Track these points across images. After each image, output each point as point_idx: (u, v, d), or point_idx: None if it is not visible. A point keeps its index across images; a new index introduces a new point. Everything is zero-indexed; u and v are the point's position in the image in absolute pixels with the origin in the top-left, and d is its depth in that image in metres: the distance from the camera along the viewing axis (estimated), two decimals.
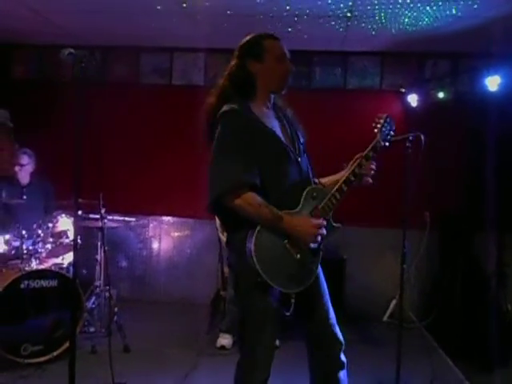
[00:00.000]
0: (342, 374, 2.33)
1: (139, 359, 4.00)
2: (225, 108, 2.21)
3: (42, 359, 3.73)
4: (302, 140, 2.38)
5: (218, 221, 4.27)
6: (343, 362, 2.34)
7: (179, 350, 4.19)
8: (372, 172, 2.34)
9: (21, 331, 3.69)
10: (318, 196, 2.25)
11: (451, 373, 3.99)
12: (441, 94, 5.27)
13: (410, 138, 3.26)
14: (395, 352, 3.31)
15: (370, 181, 2.35)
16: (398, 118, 5.35)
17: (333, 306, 2.37)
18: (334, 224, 2.31)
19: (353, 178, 2.28)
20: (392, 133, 2.42)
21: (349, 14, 4.49)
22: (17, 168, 4.65)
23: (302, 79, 5.65)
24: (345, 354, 2.33)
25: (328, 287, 3.49)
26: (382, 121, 2.39)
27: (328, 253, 5.36)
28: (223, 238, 4.25)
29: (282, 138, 2.26)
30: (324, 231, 2.20)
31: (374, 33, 4.89)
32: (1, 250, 4.09)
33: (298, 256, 2.18)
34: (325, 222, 2.22)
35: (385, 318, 5.27)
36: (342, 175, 2.31)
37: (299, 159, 2.29)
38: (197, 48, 5.68)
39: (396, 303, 5.17)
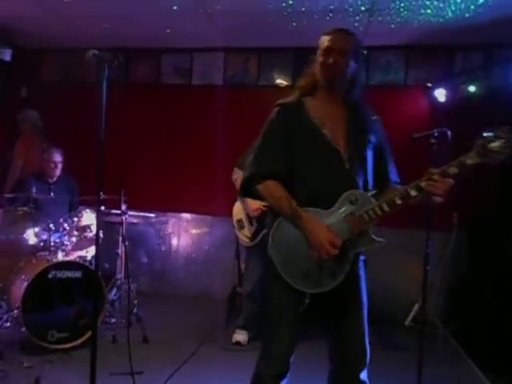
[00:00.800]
0: (364, 375, 2.24)
1: (157, 350, 4.12)
2: (279, 101, 2.27)
3: (67, 346, 3.90)
4: (368, 143, 2.23)
5: (234, 219, 4.39)
6: (364, 383, 2.24)
7: (195, 343, 4.27)
8: (444, 192, 2.02)
9: (48, 318, 3.87)
10: (358, 202, 2.09)
11: (478, 382, 3.78)
12: (472, 88, 4.96)
13: (436, 133, 3.11)
14: (417, 358, 3.17)
15: (440, 200, 2.03)
16: (423, 113, 5.20)
17: None
18: (375, 237, 2.13)
19: (414, 193, 2.04)
20: (507, 151, 1.90)
21: (369, 8, 4.44)
22: (52, 165, 4.85)
23: None
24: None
25: None
26: (489, 134, 1.95)
27: None
28: (240, 235, 4.35)
29: (329, 136, 2.16)
30: (335, 251, 2.04)
31: (396, 26, 4.77)
32: (31, 242, 4.28)
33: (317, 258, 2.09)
34: (340, 242, 2.06)
35: (407, 322, 5.02)
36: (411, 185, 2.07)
37: (346, 160, 2.15)
38: (216, 48, 5.77)
39: (419, 307, 4.80)
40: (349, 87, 2.27)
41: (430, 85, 5.24)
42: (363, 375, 2.23)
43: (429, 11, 4.44)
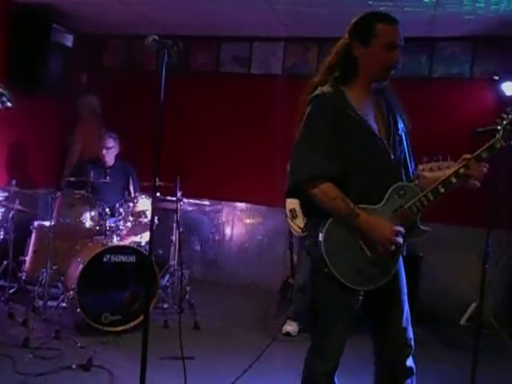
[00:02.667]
0: (410, 381, 2.22)
1: (208, 337, 4.15)
2: (317, 92, 2.13)
3: (119, 328, 3.98)
4: (401, 129, 2.20)
5: (287, 208, 4.34)
6: (411, 368, 2.22)
7: (246, 332, 4.28)
8: (482, 175, 2.08)
9: (102, 301, 3.96)
10: (405, 194, 2.10)
11: None
12: None
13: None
14: (471, 358, 3.13)
15: (478, 184, 2.10)
16: (489, 108, 5.01)
17: None
18: (422, 227, 2.15)
19: (454, 180, 2.07)
20: None
21: (434, 1, 4.30)
22: (104, 151, 4.95)
23: None
24: (417, 356, 2.24)
25: None
26: (510, 116, 2.08)
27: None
28: (292, 224, 4.29)
29: (375, 128, 2.12)
30: (401, 240, 2.05)
31: (463, 16, 4.57)
32: (87, 225, 4.39)
33: (370, 254, 2.09)
34: (403, 230, 2.06)
35: (462, 322, 4.91)
36: (445, 174, 2.10)
37: (391, 151, 2.12)
38: (276, 37, 5.71)
39: (476, 306, 4.73)
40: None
41: (496, 78, 5.02)
42: (409, 361, 2.21)
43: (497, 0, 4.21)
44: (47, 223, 4.27)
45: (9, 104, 3.20)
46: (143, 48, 2.55)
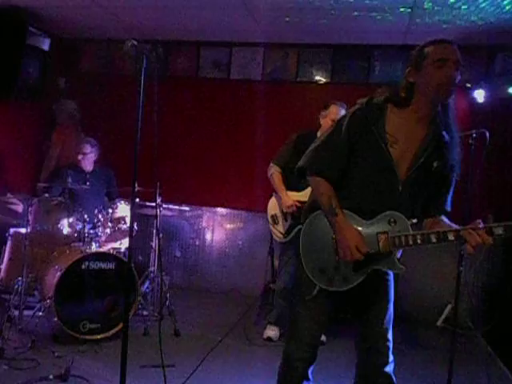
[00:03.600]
0: (389, 369, 2.29)
1: (188, 344, 4.11)
2: (368, 98, 2.20)
3: (98, 337, 3.91)
4: (435, 169, 2.14)
5: (269, 214, 4.34)
6: (389, 359, 2.29)
7: (227, 338, 4.27)
8: (480, 246, 1.98)
9: (80, 309, 3.88)
10: (395, 225, 2.11)
11: None
12: (511, 90, 4.92)
13: (474, 134, 3.12)
14: (448, 358, 3.20)
15: (472, 251, 2.00)
16: (461, 114, 5.14)
17: None
18: (397, 264, 2.15)
19: (451, 238, 2.04)
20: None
21: (409, 10, 4.41)
22: (80, 156, 4.88)
23: (360, 74, 5.56)
24: (395, 358, 2.30)
25: None
26: None
27: None
28: (274, 230, 4.29)
29: (394, 156, 2.10)
30: (359, 256, 2.08)
31: (437, 26, 4.71)
32: (65, 231, 4.31)
33: (337, 258, 2.17)
34: (368, 251, 2.10)
35: (439, 323, 5.01)
36: (449, 227, 2.10)
37: (400, 185, 2.13)
38: (255, 43, 5.72)
39: (451, 308, 4.84)
40: (442, 109, 2.15)
41: (469, 85, 5.16)
42: (388, 368, 2.29)
43: (469, 11, 4.35)
44: (23, 230, 4.18)
45: None
46: (121, 52, 2.52)
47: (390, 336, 2.31)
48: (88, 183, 4.71)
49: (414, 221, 2.20)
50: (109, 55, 6.10)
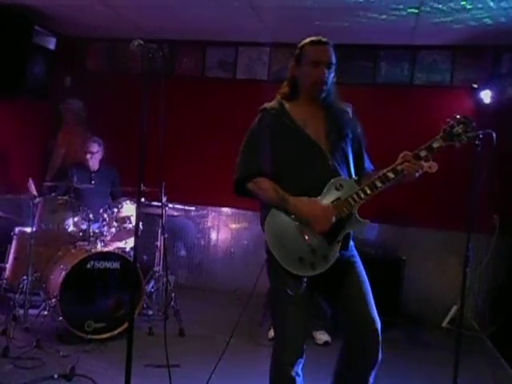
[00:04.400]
0: (374, 373, 2.36)
1: (193, 344, 4.12)
2: (262, 106, 2.45)
3: (103, 336, 3.91)
4: (345, 137, 2.39)
5: None
6: (376, 358, 2.34)
7: (232, 337, 4.26)
8: (418, 172, 2.25)
9: (85, 308, 3.89)
10: (343, 188, 2.28)
11: None
12: None
13: (480, 135, 3.09)
14: (453, 359, 3.20)
15: (412, 178, 2.26)
16: (468, 115, 5.19)
17: (389, 308, 2.28)
18: (360, 219, 2.29)
19: (391, 176, 2.25)
20: (468, 134, 2.27)
21: (416, 11, 4.39)
22: (88, 156, 4.89)
23: (367, 74, 5.54)
24: (400, 359, 2.31)
25: (384, 287, 3.41)
26: (452, 121, 2.28)
27: (385, 252, 5.33)
28: None
29: (311, 134, 2.34)
30: (331, 220, 2.21)
31: (444, 26, 4.68)
32: (70, 231, 4.32)
33: (309, 241, 2.25)
34: (333, 212, 2.23)
35: (444, 324, 4.97)
36: (386, 169, 2.29)
37: (328, 154, 2.32)
38: (262, 42, 5.72)
39: (457, 309, 4.81)
40: (327, 93, 2.42)
41: (475, 86, 5.18)
42: (379, 349, 2.35)
43: (476, 11, 4.33)
44: (28, 229, 4.19)
45: None
46: (127, 52, 2.53)
47: (378, 320, 2.33)
48: (93, 182, 4.72)
49: (356, 178, 2.36)
50: (115, 54, 6.11)
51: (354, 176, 2.39)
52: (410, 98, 5.46)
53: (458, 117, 2.29)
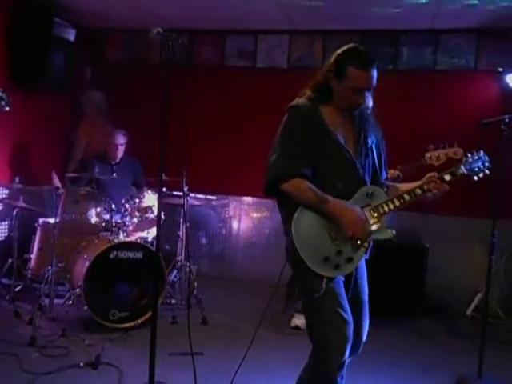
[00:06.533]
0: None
1: (216, 332, 4.14)
2: (294, 102, 2.38)
3: (127, 325, 3.96)
4: (370, 144, 2.42)
5: None
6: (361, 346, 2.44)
7: (254, 326, 4.26)
8: (440, 193, 2.38)
9: (109, 298, 3.95)
10: (373, 196, 2.34)
11: None
12: None
13: (506, 119, 3.07)
14: (478, 347, 3.20)
15: (432, 198, 2.40)
16: (493, 99, 5.09)
17: (412, 296, 2.31)
18: (387, 229, 2.35)
19: (419, 192, 2.37)
20: (486, 171, 2.46)
21: None
22: (117, 148, 4.91)
23: (388, 60, 5.44)
24: (424, 347, 2.30)
25: (407, 276, 3.36)
26: (474, 155, 2.46)
27: (409, 240, 5.27)
28: None
29: (341, 140, 2.34)
30: (368, 226, 2.27)
31: (468, 8, 4.55)
32: (93, 221, 4.36)
33: (337, 243, 2.26)
34: (369, 218, 2.28)
35: (468, 312, 4.91)
36: (413, 186, 2.40)
37: (356, 161, 2.35)
38: (281, 30, 5.66)
39: (482, 297, 4.76)
40: None
41: (501, 70, 5.07)
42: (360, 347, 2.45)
43: None
44: (52, 220, 4.24)
45: (7, 108, 3.21)
46: (147, 42, 2.53)
47: (365, 331, 2.45)
48: (115, 174, 4.75)
49: (385, 189, 2.43)
50: (134, 45, 6.10)
51: (382, 184, 2.46)
52: (433, 84, 5.34)
53: (480, 153, 2.48)
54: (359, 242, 2.27)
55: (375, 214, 2.32)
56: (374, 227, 2.31)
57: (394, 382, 3.45)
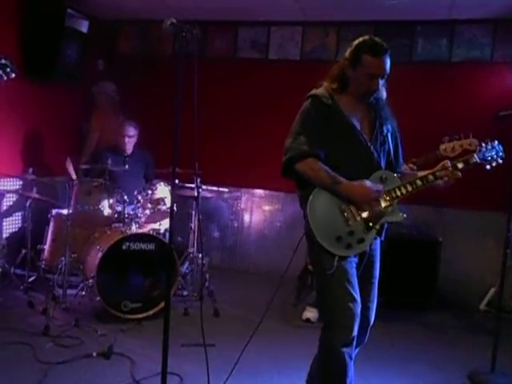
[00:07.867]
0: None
1: (227, 324, 4.15)
2: (312, 92, 2.49)
3: (139, 316, 3.98)
4: (386, 132, 2.51)
5: None
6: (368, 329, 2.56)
7: (266, 319, 4.27)
8: (452, 181, 2.47)
9: (122, 289, 3.97)
10: (386, 180, 2.44)
11: None
12: None
13: None
14: (491, 341, 3.19)
15: (444, 185, 2.49)
16: (509, 91, 5.03)
17: (425, 290, 2.39)
18: (399, 212, 2.46)
19: (431, 178, 2.47)
20: (500, 160, 2.57)
21: None
22: (126, 139, 4.92)
23: (403, 52, 5.36)
24: (437, 341, 2.31)
25: (420, 270, 3.35)
26: (488, 144, 2.58)
27: (422, 234, 5.23)
28: None
29: (357, 126, 2.45)
30: (381, 195, 2.39)
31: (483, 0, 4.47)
32: (106, 213, 4.37)
33: (350, 223, 2.38)
34: (382, 189, 2.40)
35: (482, 306, 4.86)
36: (427, 172, 2.49)
37: (372, 147, 2.45)
38: (294, 21, 5.62)
39: (495, 291, 4.73)
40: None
41: None
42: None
43: None
44: (65, 211, 4.26)
45: (13, 75, 3.25)
46: (159, 34, 2.52)
47: (373, 314, 2.57)
48: (127, 165, 4.76)
49: (399, 175, 2.51)
50: (147, 37, 6.07)
51: (392, 169, 2.53)
52: (448, 76, 5.27)
53: (494, 143, 2.59)
54: (371, 224, 2.39)
55: (387, 198, 2.42)
56: (385, 207, 2.41)
57: (406, 375, 3.43)
